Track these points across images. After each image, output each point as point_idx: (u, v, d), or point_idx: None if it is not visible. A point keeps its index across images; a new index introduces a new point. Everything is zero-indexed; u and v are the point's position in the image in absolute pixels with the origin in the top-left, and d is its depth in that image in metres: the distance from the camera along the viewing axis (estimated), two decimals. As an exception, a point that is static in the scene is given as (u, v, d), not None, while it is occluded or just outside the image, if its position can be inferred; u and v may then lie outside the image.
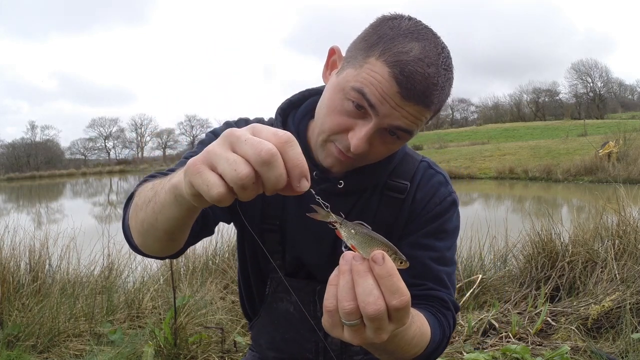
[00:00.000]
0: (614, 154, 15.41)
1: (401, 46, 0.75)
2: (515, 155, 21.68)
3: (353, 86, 0.77)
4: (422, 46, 0.76)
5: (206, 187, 0.49)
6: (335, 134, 0.82)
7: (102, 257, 3.70)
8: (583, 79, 55.18)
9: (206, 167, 0.49)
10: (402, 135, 0.80)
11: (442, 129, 55.04)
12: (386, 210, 0.93)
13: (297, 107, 0.98)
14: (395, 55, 0.75)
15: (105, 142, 64.74)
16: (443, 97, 0.79)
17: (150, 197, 0.68)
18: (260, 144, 0.47)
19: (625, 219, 3.30)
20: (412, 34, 0.77)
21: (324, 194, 0.91)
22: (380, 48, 0.76)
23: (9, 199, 22.89)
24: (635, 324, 2.39)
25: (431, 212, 0.93)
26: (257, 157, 0.47)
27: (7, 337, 2.51)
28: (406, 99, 0.75)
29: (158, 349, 2.34)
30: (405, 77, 0.74)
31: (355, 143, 0.79)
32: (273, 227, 0.95)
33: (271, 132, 0.50)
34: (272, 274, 0.98)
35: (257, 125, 0.51)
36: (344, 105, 0.80)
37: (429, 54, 0.75)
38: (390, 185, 0.94)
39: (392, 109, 0.76)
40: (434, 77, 0.75)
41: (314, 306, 0.96)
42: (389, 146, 0.83)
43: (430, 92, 0.75)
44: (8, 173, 47.52)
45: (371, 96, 0.76)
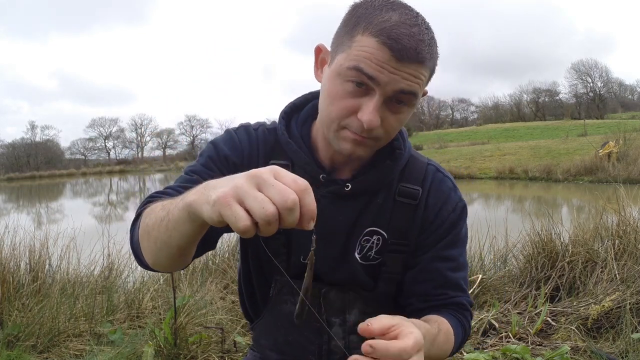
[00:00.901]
0: (614, 154, 15.41)
1: (380, 17, 0.78)
2: (515, 155, 21.68)
3: (348, 66, 0.79)
4: (399, 13, 0.79)
5: (234, 219, 0.55)
6: (344, 119, 0.83)
7: (102, 257, 3.70)
8: (583, 79, 55.22)
9: (235, 201, 0.56)
10: (408, 99, 0.82)
11: (442, 129, 55.07)
12: (400, 217, 0.94)
13: (299, 110, 0.98)
14: (378, 25, 0.77)
15: (105, 142, 64.78)
16: (433, 54, 0.81)
17: (162, 216, 0.72)
18: (286, 192, 0.55)
19: (625, 219, 3.30)
20: (386, 6, 0.80)
21: (331, 197, 0.93)
22: (362, 25, 0.79)
23: (9, 199, 22.89)
24: (635, 324, 2.39)
25: (446, 222, 0.95)
26: (283, 203, 0.55)
27: (7, 337, 2.51)
28: (401, 60, 0.77)
29: (158, 349, 2.34)
30: (394, 40, 0.76)
31: (367, 119, 0.80)
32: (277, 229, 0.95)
33: (291, 178, 0.58)
34: (277, 276, 0.98)
35: (279, 170, 0.59)
36: (345, 88, 0.81)
37: (408, 17, 0.79)
38: (402, 191, 0.94)
39: (391, 74, 0.78)
40: (419, 34, 0.78)
41: (319, 309, 0.96)
42: (399, 116, 0.84)
43: (420, 48, 0.78)
44: (8, 173, 47.50)
45: (368, 69, 0.78)
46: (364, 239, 0.94)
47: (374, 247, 0.94)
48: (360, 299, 0.97)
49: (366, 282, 0.96)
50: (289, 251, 0.96)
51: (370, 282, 0.96)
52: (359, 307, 0.97)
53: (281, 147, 0.95)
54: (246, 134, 0.97)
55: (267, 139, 0.97)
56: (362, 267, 0.95)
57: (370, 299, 0.97)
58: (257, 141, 0.96)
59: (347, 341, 0.98)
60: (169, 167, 54.21)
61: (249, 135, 0.97)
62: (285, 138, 0.93)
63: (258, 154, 0.96)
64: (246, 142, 0.96)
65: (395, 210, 0.94)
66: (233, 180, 0.58)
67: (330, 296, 0.96)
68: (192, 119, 67.23)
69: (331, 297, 0.96)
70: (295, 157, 0.93)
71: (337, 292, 0.96)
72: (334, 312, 0.97)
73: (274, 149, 0.96)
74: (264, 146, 0.96)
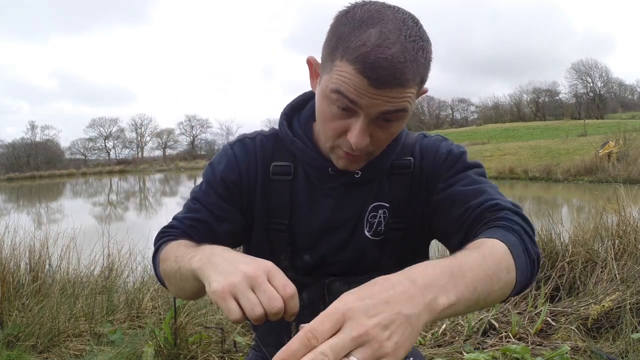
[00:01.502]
0: (614, 154, 15.42)
1: (358, 40, 0.75)
2: (515, 155, 21.71)
3: (331, 88, 0.79)
4: (378, 30, 0.75)
5: (228, 312, 0.65)
6: (336, 139, 0.85)
7: (102, 257, 3.70)
8: (583, 79, 55.21)
9: (231, 297, 0.65)
10: (396, 117, 0.81)
11: (442, 129, 55.08)
12: (398, 189, 0.96)
13: (300, 110, 0.99)
14: (355, 51, 0.75)
15: (105, 142, 64.78)
16: (419, 68, 0.77)
17: (176, 269, 0.81)
18: (275, 300, 0.64)
19: (625, 219, 3.30)
20: (366, 22, 0.76)
21: (344, 187, 0.95)
22: (340, 49, 0.77)
23: (9, 199, 22.90)
24: (635, 324, 2.39)
25: (444, 155, 0.94)
26: (270, 309, 0.64)
27: (7, 337, 2.51)
28: (379, 87, 0.75)
29: (158, 349, 2.34)
30: (370, 69, 0.74)
31: (354, 141, 0.81)
32: (281, 227, 0.96)
33: (282, 284, 0.66)
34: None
35: (274, 272, 0.67)
36: (332, 110, 0.81)
37: (388, 36, 0.74)
38: (395, 165, 0.96)
39: (371, 99, 0.77)
40: (399, 56, 0.74)
41: (323, 301, 0.97)
42: (390, 130, 0.84)
43: (400, 71, 0.74)
44: (8, 173, 47.53)
45: (348, 93, 0.77)
46: (370, 215, 0.96)
47: (382, 221, 0.96)
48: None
49: (375, 258, 0.97)
50: (293, 249, 0.97)
51: (379, 256, 0.97)
52: None
53: (281, 149, 0.97)
54: (243, 147, 0.98)
55: (266, 145, 0.98)
56: (373, 243, 0.96)
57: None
58: (254, 150, 0.97)
59: None
60: (169, 167, 54.27)
61: (245, 148, 0.98)
62: (289, 137, 0.94)
63: (256, 162, 0.97)
64: (243, 157, 0.96)
65: (392, 182, 0.96)
66: (232, 274, 0.66)
67: (334, 287, 0.97)
68: (192, 119, 67.31)
69: (335, 288, 0.97)
70: (302, 154, 0.94)
71: (342, 283, 0.97)
72: None
73: (273, 153, 0.97)
74: (262, 153, 0.97)
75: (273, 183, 0.96)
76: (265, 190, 0.97)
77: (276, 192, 0.96)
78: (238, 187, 0.96)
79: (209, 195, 0.96)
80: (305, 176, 0.96)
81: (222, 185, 0.96)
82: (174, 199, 19.83)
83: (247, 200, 0.97)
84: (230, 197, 0.96)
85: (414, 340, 0.51)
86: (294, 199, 0.96)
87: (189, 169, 49.07)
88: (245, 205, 0.97)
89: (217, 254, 0.72)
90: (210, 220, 0.95)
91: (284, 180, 0.96)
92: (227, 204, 0.95)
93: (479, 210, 0.82)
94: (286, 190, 0.96)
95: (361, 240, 0.96)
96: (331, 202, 0.95)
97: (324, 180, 0.94)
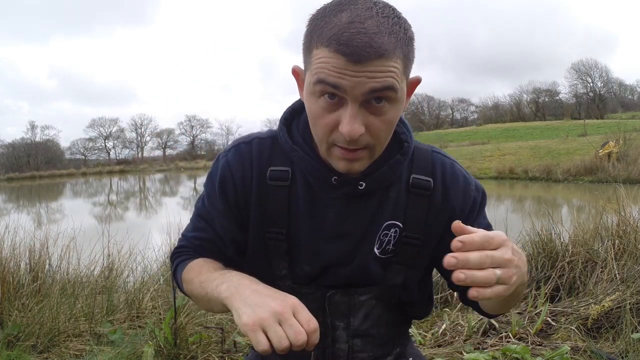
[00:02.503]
0: (614, 154, 15.43)
1: (330, 24, 0.75)
2: (515, 155, 21.70)
3: (313, 81, 0.77)
4: (349, 11, 0.75)
5: (256, 343, 0.71)
6: (330, 135, 0.81)
7: (102, 257, 3.70)
8: (583, 79, 55.15)
9: (260, 329, 0.71)
10: (386, 95, 0.77)
11: (442, 129, 55.08)
12: (415, 207, 0.94)
13: (300, 114, 0.95)
14: (327, 33, 0.74)
15: (105, 142, 64.68)
16: (400, 39, 0.75)
17: (202, 294, 0.87)
18: (300, 334, 0.71)
19: (625, 219, 3.30)
20: (336, 9, 0.76)
21: (347, 198, 0.91)
22: (315, 39, 0.77)
23: (9, 199, 22.89)
24: (635, 324, 2.39)
25: (476, 200, 0.98)
26: (295, 342, 0.71)
27: (7, 337, 2.51)
28: (358, 62, 0.73)
29: (158, 349, 2.34)
30: (344, 44, 0.72)
31: (346, 130, 0.77)
32: (279, 235, 0.94)
33: (306, 319, 0.73)
34: (278, 282, 0.95)
35: (299, 309, 0.74)
36: (320, 105, 0.79)
37: (359, 14, 0.74)
38: (415, 183, 0.94)
39: (353, 77, 0.74)
40: (373, 28, 0.73)
41: (323, 312, 0.95)
42: (384, 117, 0.80)
43: (377, 41, 0.73)
44: (8, 173, 47.49)
45: (329, 78, 0.75)
46: (382, 233, 0.93)
47: (392, 240, 0.94)
48: (365, 305, 0.96)
49: (377, 274, 0.95)
50: (291, 257, 0.95)
51: (382, 273, 0.95)
52: (364, 312, 0.96)
53: (279, 153, 0.94)
54: (237, 154, 0.95)
55: (263, 148, 0.95)
56: (379, 261, 0.94)
57: (378, 293, 0.96)
58: (250, 155, 0.94)
59: (350, 345, 0.97)
60: (169, 167, 54.24)
61: (240, 154, 0.95)
62: (289, 145, 0.91)
63: (252, 168, 0.94)
64: (237, 166, 0.94)
65: (410, 201, 0.94)
66: (261, 307, 0.73)
67: (335, 300, 0.95)
68: (192, 119, 67.21)
69: (336, 301, 0.95)
70: (303, 163, 0.90)
71: (342, 295, 0.95)
72: (339, 316, 0.96)
73: (270, 156, 0.94)
74: (258, 157, 0.94)
75: (270, 189, 0.93)
76: (261, 197, 0.93)
77: (273, 198, 0.93)
78: (234, 199, 0.95)
79: (210, 211, 0.97)
80: (305, 183, 0.92)
81: (221, 199, 0.95)
82: (174, 199, 19.83)
83: (245, 211, 0.95)
84: (229, 212, 0.95)
85: (515, 284, 0.70)
86: (292, 206, 0.93)
87: (189, 169, 49.03)
88: (243, 218, 0.96)
89: (244, 285, 0.79)
90: (216, 239, 0.97)
91: (281, 186, 0.92)
92: (228, 221, 0.95)
93: None
94: (284, 197, 0.92)
95: (367, 256, 0.94)
96: (333, 212, 0.92)
97: (325, 190, 0.91)
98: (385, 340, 1.00)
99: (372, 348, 0.99)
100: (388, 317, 0.99)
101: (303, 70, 0.84)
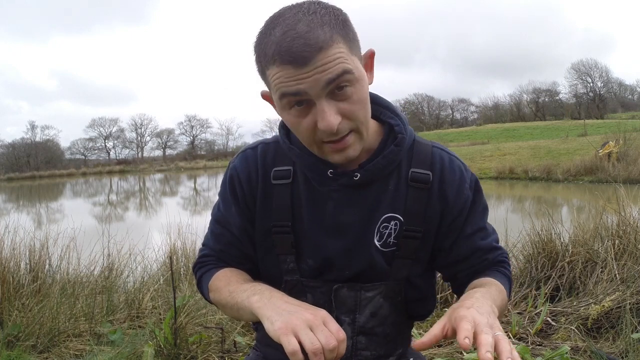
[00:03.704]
0: (614, 154, 15.41)
1: (269, 43, 0.80)
2: (515, 155, 21.68)
3: (277, 98, 0.83)
4: (280, 25, 0.80)
5: (287, 344, 0.74)
6: (314, 136, 0.86)
7: (102, 257, 3.70)
8: (583, 79, 55.22)
9: (291, 333, 0.75)
10: (345, 79, 0.81)
11: (442, 129, 55.07)
12: (415, 201, 0.96)
13: None
14: (269, 51, 0.80)
15: (105, 142, 64.86)
16: (332, 28, 0.79)
17: (232, 303, 0.92)
18: (331, 338, 0.76)
19: (625, 219, 3.30)
20: (269, 27, 0.81)
21: (344, 190, 0.95)
22: (262, 62, 0.83)
23: (9, 199, 22.88)
24: (635, 324, 2.39)
25: (468, 201, 0.99)
26: (327, 345, 0.75)
27: (7, 337, 2.51)
28: (304, 64, 0.77)
29: (158, 349, 2.34)
30: (286, 53, 0.77)
31: (324, 125, 0.82)
32: (284, 229, 0.97)
33: (335, 329, 0.78)
34: (286, 276, 0.98)
35: (328, 320, 0.79)
36: (292, 115, 0.84)
37: (289, 23, 0.79)
38: (414, 177, 0.96)
39: (307, 79, 0.78)
40: (304, 28, 0.77)
41: (329, 306, 0.96)
42: (352, 98, 0.83)
43: (311, 38, 0.77)
44: (8, 173, 47.52)
45: (289, 89, 0.80)
46: (382, 225, 0.95)
47: (392, 233, 0.96)
48: (372, 302, 0.97)
49: (383, 269, 0.96)
50: (298, 251, 0.97)
51: (386, 266, 0.96)
52: (371, 309, 0.97)
53: (282, 155, 0.99)
54: (243, 159, 1.02)
55: (267, 152, 1.01)
56: (381, 253, 0.96)
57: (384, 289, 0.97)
58: (255, 159, 1.01)
59: (354, 342, 0.98)
60: (169, 167, 54.21)
61: (246, 159, 1.02)
62: (287, 145, 0.97)
63: (257, 170, 1.00)
64: (243, 170, 1.01)
65: (409, 194, 0.96)
66: (293, 315, 0.78)
67: (342, 294, 0.96)
68: (192, 119, 67.34)
69: (342, 295, 0.96)
70: (300, 160, 0.95)
71: (349, 290, 0.96)
72: (345, 311, 0.97)
73: (274, 159, 1.00)
74: (263, 160, 1.00)
75: (274, 188, 0.98)
76: (266, 195, 0.98)
77: (277, 195, 0.98)
78: (243, 198, 1.00)
79: (225, 214, 1.02)
80: (305, 179, 0.97)
81: (233, 200, 1.01)
82: (174, 199, 19.83)
83: (252, 209, 1.00)
84: (241, 211, 1.00)
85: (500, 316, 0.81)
86: (295, 201, 0.97)
87: (189, 169, 49.02)
88: (252, 216, 1.00)
89: (276, 297, 0.85)
90: (235, 241, 1.02)
91: (284, 184, 0.97)
92: (242, 219, 1.00)
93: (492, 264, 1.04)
94: (286, 193, 0.97)
95: (370, 248, 0.96)
96: (332, 205, 0.95)
97: (323, 183, 0.95)
98: (389, 340, 1.01)
99: (375, 347, 0.99)
100: (394, 317, 1.00)
101: (268, 92, 0.90)
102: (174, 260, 3.78)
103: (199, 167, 49.11)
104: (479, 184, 1.01)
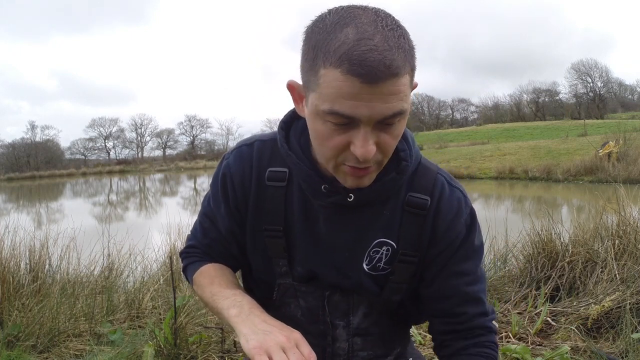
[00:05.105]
0: (614, 154, 15.41)
1: (336, 41, 0.70)
2: (515, 155, 21.68)
3: (324, 109, 0.74)
4: (354, 26, 0.71)
5: None
6: (339, 156, 0.80)
7: (102, 257, 3.70)
8: (583, 79, 55.14)
9: (265, 354, 0.77)
10: (398, 118, 0.76)
11: (442, 129, 55.03)
12: (410, 227, 0.92)
13: (298, 119, 0.94)
14: (336, 52, 0.70)
15: (105, 142, 64.70)
16: (407, 55, 0.72)
17: (212, 305, 0.94)
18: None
19: (625, 219, 3.30)
20: (339, 23, 0.72)
21: (335, 207, 0.91)
22: (321, 57, 0.72)
23: (9, 199, 22.89)
24: (635, 324, 2.39)
25: (459, 235, 0.93)
26: None
27: (7, 337, 2.51)
28: (373, 83, 0.69)
29: (158, 349, 2.34)
30: (358, 64, 0.69)
31: (360, 153, 0.76)
32: (276, 233, 0.94)
33: (306, 352, 0.79)
34: (280, 280, 0.97)
35: (300, 342, 0.80)
36: (328, 127, 0.76)
37: (365, 28, 0.70)
38: (410, 201, 0.91)
39: (368, 103, 0.71)
40: (383, 44, 0.69)
41: (323, 311, 0.96)
42: (394, 133, 0.79)
43: (389, 59, 0.69)
44: (8, 173, 47.49)
45: (344, 109, 0.72)
46: (373, 250, 0.92)
47: (383, 258, 0.92)
48: (364, 302, 0.96)
49: (373, 290, 0.95)
50: (290, 255, 0.95)
51: (377, 289, 0.94)
52: (363, 310, 0.97)
53: (279, 155, 0.94)
54: (238, 156, 0.97)
55: (263, 150, 0.96)
56: (370, 277, 0.93)
57: (375, 302, 0.96)
58: (250, 157, 0.96)
59: (350, 343, 0.97)
60: (169, 167, 54.20)
61: (241, 157, 0.96)
62: (285, 150, 0.91)
63: (251, 169, 0.95)
64: (237, 168, 0.96)
65: (404, 220, 0.92)
66: (267, 335, 0.79)
67: (334, 299, 0.95)
68: (192, 119, 67.19)
69: (335, 300, 0.96)
70: (296, 169, 0.90)
71: (341, 295, 0.95)
72: (338, 315, 0.96)
73: (270, 158, 0.95)
74: (258, 159, 0.95)
75: (268, 189, 0.94)
76: (259, 196, 0.95)
77: (270, 197, 0.94)
78: (234, 200, 0.96)
79: (214, 211, 1.00)
80: (300, 186, 0.93)
81: (223, 199, 0.97)
82: (174, 199, 19.80)
83: (244, 212, 0.97)
84: (230, 212, 0.98)
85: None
86: (288, 206, 0.93)
87: (189, 169, 49.02)
88: (243, 218, 0.97)
89: (255, 315, 0.84)
90: (221, 239, 1.00)
91: (278, 186, 0.93)
92: (229, 221, 0.98)
93: (474, 326, 0.96)
94: (280, 197, 0.93)
95: (359, 272, 0.93)
96: (322, 220, 0.92)
97: (316, 196, 0.90)
98: (386, 339, 1.01)
99: (372, 347, 0.99)
100: (388, 317, 1.00)
101: (302, 86, 0.81)
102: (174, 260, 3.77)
103: (199, 167, 49.05)
104: (475, 221, 0.95)
